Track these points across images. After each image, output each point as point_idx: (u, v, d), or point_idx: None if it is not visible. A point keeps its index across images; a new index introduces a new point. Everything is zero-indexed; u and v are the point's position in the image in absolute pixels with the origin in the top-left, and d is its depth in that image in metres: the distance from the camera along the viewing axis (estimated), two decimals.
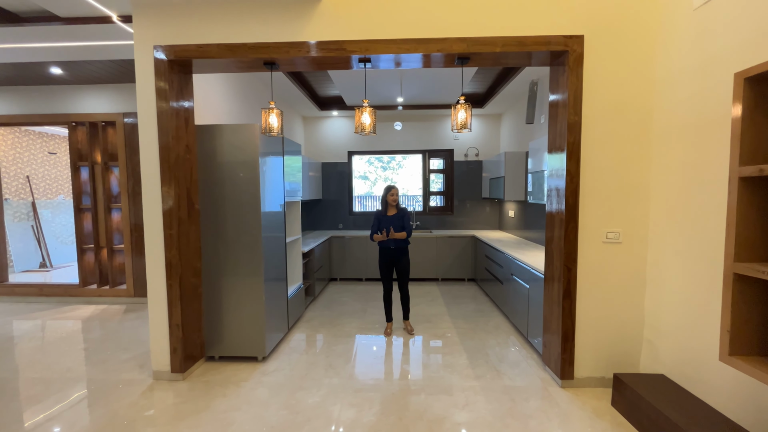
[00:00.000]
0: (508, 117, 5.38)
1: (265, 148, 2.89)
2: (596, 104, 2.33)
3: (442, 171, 5.98)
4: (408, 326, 3.53)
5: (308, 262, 4.44)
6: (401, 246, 3.44)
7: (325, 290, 5.04)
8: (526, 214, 4.63)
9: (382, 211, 3.46)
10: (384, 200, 3.44)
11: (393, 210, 3.45)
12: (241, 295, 2.83)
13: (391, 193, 3.40)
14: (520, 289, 3.35)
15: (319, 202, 5.99)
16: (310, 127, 5.94)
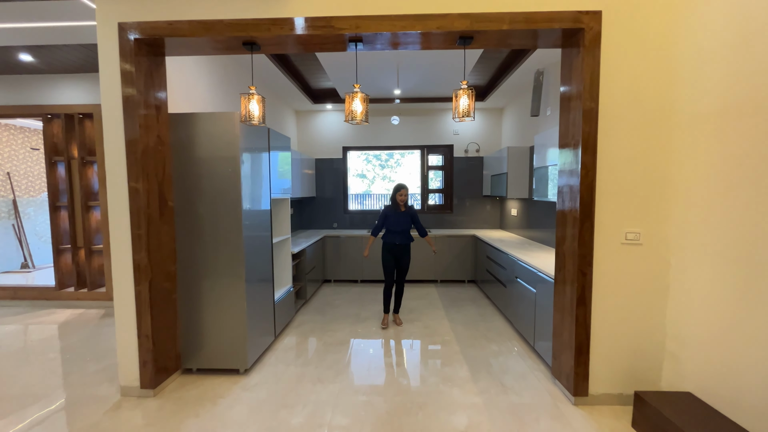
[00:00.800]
0: (511, 111, 5.12)
1: (248, 139, 2.63)
2: (615, 89, 2.08)
3: (441, 167, 5.73)
4: (397, 319, 3.66)
5: (299, 263, 4.18)
6: (405, 243, 3.56)
7: (318, 292, 4.79)
8: (530, 213, 4.38)
9: (391, 207, 3.55)
10: (393, 198, 3.54)
11: (403, 207, 3.54)
12: (221, 301, 2.57)
13: (401, 194, 3.49)
14: (525, 294, 3.11)
15: (312, 199, 5.73)
16: (303, 122, 5.67)
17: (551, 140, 3.19)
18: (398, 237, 3.52)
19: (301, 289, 4.22)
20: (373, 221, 5.71)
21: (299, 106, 5.39)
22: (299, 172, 4.85)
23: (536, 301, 2.88)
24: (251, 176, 2.68)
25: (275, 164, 3.21)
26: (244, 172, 2.55)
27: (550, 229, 3.74)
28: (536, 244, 3.95)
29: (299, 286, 4.14)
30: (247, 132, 2.60)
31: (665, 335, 2.15)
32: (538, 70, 3.77)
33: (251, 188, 2.69)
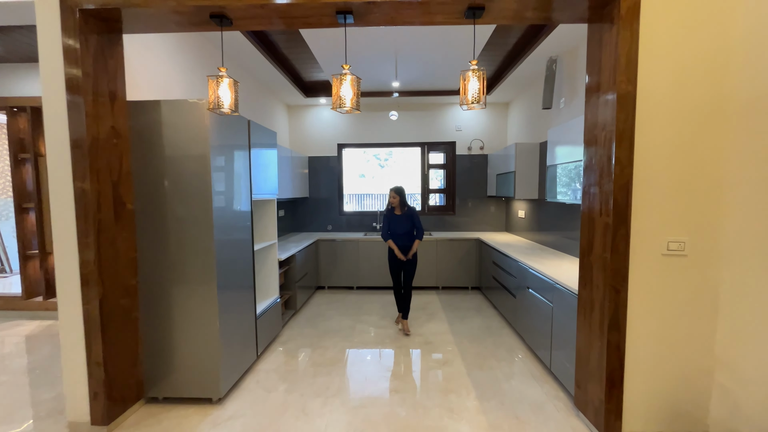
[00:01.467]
0: (519, 105, 4.77)
1: (222, 132, 2.27)
2: (656, 71, 1.73)
3: (442, 166, 5.37)
4: (405, 327, 3.47)
5: (288, 270, 3.83)
6: (409, 246, 3.47)
7: (310, 301, 4.43)
8: (540, 215, 4.03)
9: (391, 210, 3.52)
10: (389, 201, 3.53)
11: (399, 210, 3.49)
12: (191, 318, 2.22)
13: (390, 195, 3.49)
14: (540, 307, 2.76)
15: (305, 200, 5.37)
16: (295, 117, 5.31)
17: (567, 134, 2.84)
18: (400, 240, 3.46)
19: (290, 298, 3.87)
20: (370, 223, 5.35)
21: (291, 100, 5.04)
22: (291, 171, 4.50)
23: (553, 316, 2.53)
24: (226, 174, 2.33)
25: (258, 161, 2.85)
26: (216, 170, 2.19)
27: (565, 233, 3.39)
28: (548, 250, 3.60)
29: (288, 296, 3.79)
30: (220, 124, 2.24)
31: (714, 364, 1.81)
32: (551, 57, 3.42)
33: (226, 188, 2.33)
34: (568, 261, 3.03)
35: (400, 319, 3.52)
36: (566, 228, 3.37)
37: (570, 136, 2.80)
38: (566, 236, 3.36)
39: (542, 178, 3.88)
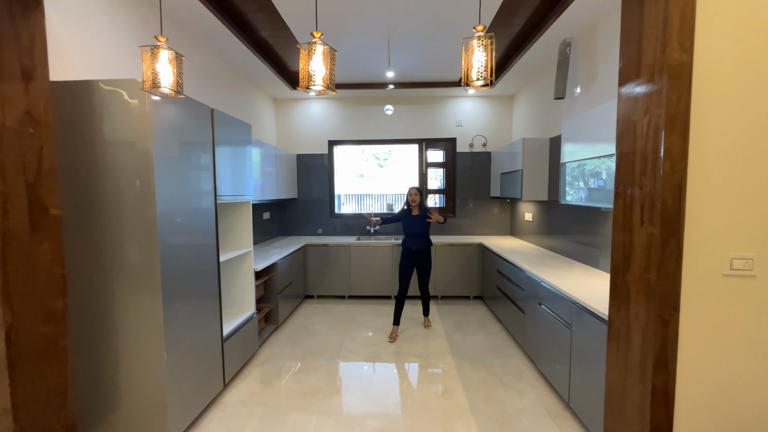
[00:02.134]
0: (525, 97, 4.37)
1: (171, 120, 1.88)
2: (719, 36, 1.33)
3: (441, 164, 4.97)
4: (426, 322, 3.58)
5: (269, 280, 3.43)
6: (423, 248, 3.39)
7: (295, 313, 4.03)
8: (550, 218, 3.63)
9: (407, 210, 3.45)
10: (406, 200, 3.44)
11: (416, 210, 3.40)
12: (132, 345, 1.82)
13: (410, 193, 3.39)
14: (555, 328, 2.36)
15: (293, 202, 4.98)
16: (282, 112, 4.91)
17: (585, 126, 2.44)
18: (414, 241, 3.36)
19: (271, 311, 3.47)
20: (364, 227, 4.95)
21: (277, 93, 4.64)
22: (276, 171, 4.10)
23: (572, 340, 2.13)
24: (177, 171, 1.93)
25: (226, 158, 2.46)
26: (162, 166, 1.79)
27: (579, 239, 2.99)
28: (561, 258, 3.20)
29: (269, 309, 3.39)
30: (168, 110, 1.85)
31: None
32: (564, 41, 3.02)
33: (177, 187, 1.93)
34: (585, 272, 2.63)
35: (396, 332, 3.34)
36: (581, 233, 2.97)
37: (588, 127, 2.40)
38: (581, 242, 2.96)
39: (553, 178, 3.48)
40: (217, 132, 2.32)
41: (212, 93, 3.25)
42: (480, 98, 4.79)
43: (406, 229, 3.38)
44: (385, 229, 4.94)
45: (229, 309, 2.87)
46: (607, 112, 2.17)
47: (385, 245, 4.36)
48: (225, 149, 2.44)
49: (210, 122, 2.24)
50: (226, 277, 2.88)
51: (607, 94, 2.63)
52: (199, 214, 2.12)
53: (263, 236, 4.43)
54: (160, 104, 1.77)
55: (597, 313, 1.86)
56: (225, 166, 2.44)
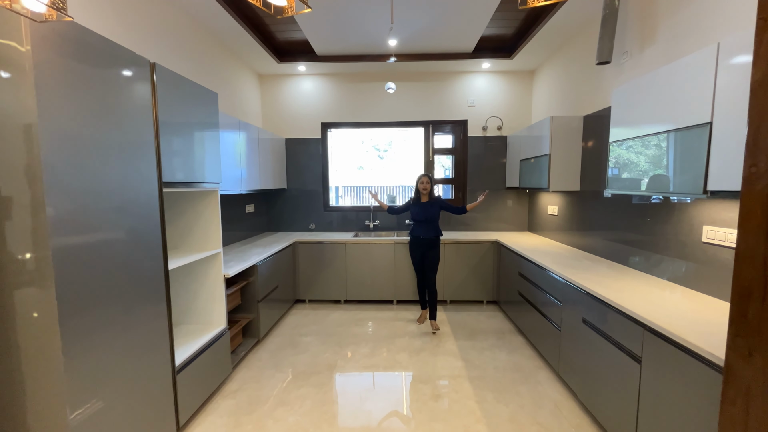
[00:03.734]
0: (549, 71, 3.76)
1: (75, 72, 1.29)
2: None
3: (450, 150, 4.38)
4: (434, 325, 3.21)
5: (248, 285, 2.87)
6: (430, 237, 3.24)
7: (282, 322, 3.48)
8: (582, 212, 3.05)
9: (415, 198, 3.30)
10: (416, 187, 3.29)
11: (426, 198, 3.28)
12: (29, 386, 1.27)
13: (421, 181, 3.25)
14: (610, 357, 1.79)
15: (282, 193, 4.39)
16: (268, 90, 4.30)
17: (654, 92, 1.84)
18: (422, 229, 3.23)
19: (251, 323, 2.92)
20: (363, 221, 4.38)
21: (262, 67, 4.03)
22: (261, 156, 3.52)
23: (642, 380, 1.57)
24: (88, 144, 1.35)
25: (180, 133, 1.87)
26: (56, 144, 1.21)
27: (627, 239, 2.42)
28: (600, 260, 2.63)
29: (247, 320, 2.84)
30: (67, 58, 1.26)
31: None
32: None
33: (88, 166, 1.35)
34: (640, 280, 2.06)
35: (425, 315, 3.37)
36: (627, 230, 2.40)
37: (658, 93, 1.81)
38: (626, 242, 2.39)
39: (588, 163, 2.89)
40: (162, 97, 1.73)
41: (182, 64, 2.65)
42: (495, 74, 4.17)
43: (414, 216, 3.27)
44: (387, 224, 4.37)
45: (191, 325, 2.32)
46: (692, 68, 1.58)
47: (386, 242, 3.79)
48: (176, 122, 1.85)
49: (149, 83, 1.65)
50: (185, 285, 2.33)
51: (671, 53, 2.03)
52: (131, 206, 1.54)
53: (247, 232, 3.86)
54: (50, 47, 1.18)
55: (696, 350, 1.30)
56: (177, 144, 1.86)
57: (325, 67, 4.02)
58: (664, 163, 1.76)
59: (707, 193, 1.51)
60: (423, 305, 3.41)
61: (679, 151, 1.66)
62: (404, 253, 3.78)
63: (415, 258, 3.32)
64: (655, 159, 1.83)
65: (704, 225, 1.84)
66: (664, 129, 1.74)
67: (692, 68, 1.58)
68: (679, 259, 1.99)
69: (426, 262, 3.26)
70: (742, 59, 1.35)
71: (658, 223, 2.16)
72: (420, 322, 3.36)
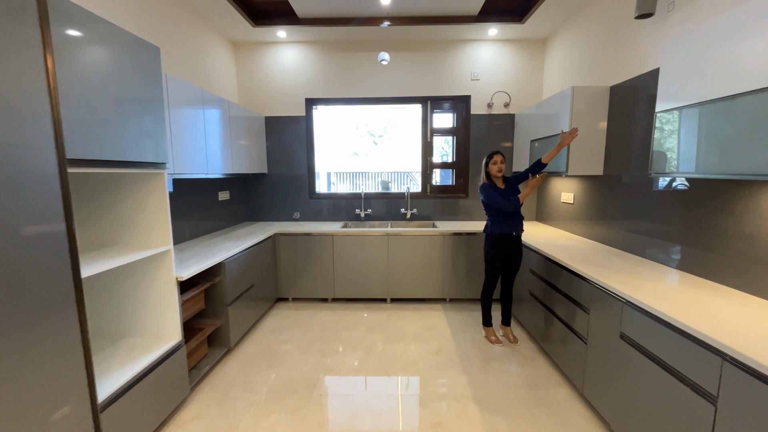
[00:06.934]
0: (564, 39, 3.27)
1: None
2: None
3: (451, 131, 3.91)
4: (510, 334, 2.75)
5: (214, 287, 2.43)
6: (521, 232, 2.62)
7: (260, 325, 3.06)
8: (604, 200, 2.63)
9: (489, 185, 2.57)
10: (486, 172, 2.60)
11: (501, 183, 2.63)
12: None
13: (494, 161, 2.56)
14: (669, 392, 1.39)
15: (261, 178, 3.92)
16: (244, 60, 3.77)
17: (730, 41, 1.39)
18: (514, 224, 2.56)
19: (219, 330, 2.49)
20: (353, 210, 3.93)
21: (236, 33, 3.49)
22: (235, 136, 3.03)
23: (716, 423, 1.17)
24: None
25: (94, 94, 1.40)
26: None
27: (666, 232, 2.00)
28: (631, 257, 2.21)
29: (213, 327, 2.41)
30: None
31: None
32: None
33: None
34: (698, 287, 1.65)
35: (495, 333, 2.77)
36: (669, 223, 1.98)
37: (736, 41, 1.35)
38: (666, 237, 1.97)
39: (615, 142, 2.44)
40: (64, 45, 1.25)
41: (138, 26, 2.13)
42: (503, 42, 3.67)
43: (503, 207, 2.50)
44: (379, 213, 3.94)
45: (137, 339, 1.89)
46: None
47: (378, 233, 3.36)
48: (90, 81, 1.37)
49: (35, 20, 1.16)
50: (129, 291, 1.89)
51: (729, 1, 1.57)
52: (13, 190, 1.08)
53: (221, 222, 3.40)
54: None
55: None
56: (91, 110, 1.39)
57: (309, 33, 3.49)
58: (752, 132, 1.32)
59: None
60: (488, 321, 2.76)
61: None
62: (399, 245, 3.35)
63: (499, 260, 2.62)
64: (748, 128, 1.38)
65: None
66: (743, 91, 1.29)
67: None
68: (747, 261, 1.58)
69: (511, 265, 2.67)
70: None
71: (710, 213, 1.74)
72: (495, 341, 2.68)
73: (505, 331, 2.78)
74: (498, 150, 2.62)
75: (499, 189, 2.56)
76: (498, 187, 2.57)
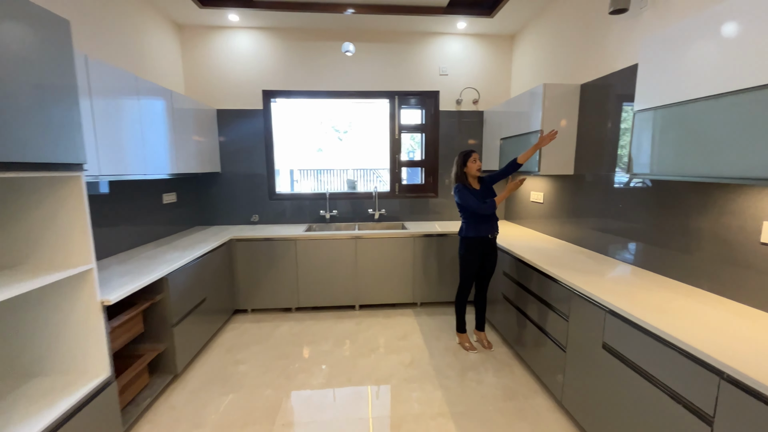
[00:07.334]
0: (533, 35, 3.21)
1: None
2: None
3: (420, 128, 3.76)
4: (485, 340, 2.66)
5: (154, 307, 2.10)
6: (496, 235, 2.52)
7: (214, 342, 2.74)
8: (574, 199, 2.59)
9: (465, 186, 2.43)
10: (461, 172, 2.45)
11: (476, 183, 2.48)
12: None
13: (473, 158, 2.43)
14: (659, 409, 1.32)
15: (214, 178, 3.55)
16: (192, 46, 3.37)
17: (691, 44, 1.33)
18: (490, 227, 2.45)
19: (163, 355, 2.16)
20: (317, 211, 3.68)
21: (180, 13, 3.09)
22: (183, 130, 2.67)
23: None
24: None
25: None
26: None
27: (641, 233, 1.97)
28: (607, 260, 2.18)
29: (156, 353, 2.08)
30: None
31: None
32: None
33: None
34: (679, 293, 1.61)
35: (469, 339, 2.66)
36: (643, 223, 1.95)
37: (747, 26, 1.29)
38: (642, 239, 1.94)
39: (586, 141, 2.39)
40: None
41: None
42: (472, 37, 3.57)
43: (479, 210, 2.37)
44: (346, 215, 3.72)
45: (50, 378, 1.55)
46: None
47: (346, 237, 3.15)
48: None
49: None
50: (41, 320, 1.54)
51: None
52: None
53: (167, 228, 3.02)
54: None
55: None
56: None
57: (265, 18, 3.17)
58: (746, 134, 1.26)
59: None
60: (462, 327, 2.65)
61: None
62: (367, 249, 3.16)
63: (474, 264, 2.50)
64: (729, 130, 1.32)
65: (765, 221, 1.39)
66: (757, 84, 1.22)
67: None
68: (724, 264, 1.55)
69: (487, 268, 2.56)
70: None
71: (684, 216, 1.71)
72: (469, 348, 2.58)
73: (479, 336, 2.69)
74: (473, 149, 2.51)
75: (474, 190, 2.44)
76: (473, 188, 2.45)
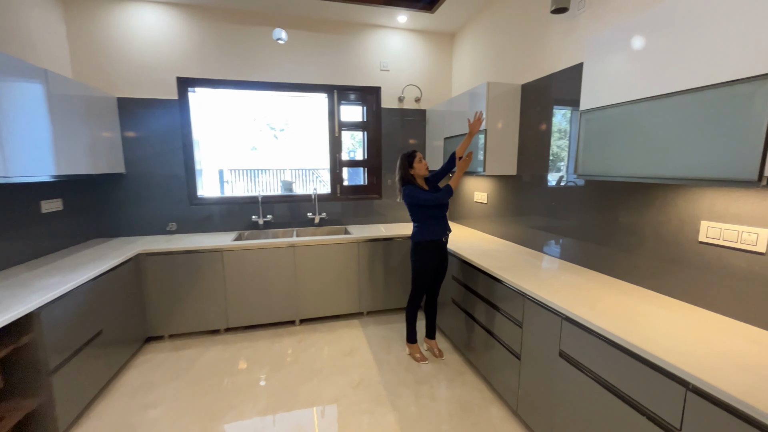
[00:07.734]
0: (473, 34, 3.19)
1: None
2: None
3: (362, 126, 3.55)
4: (435, 348, 2.52)
5: (19, 352, 1.59)
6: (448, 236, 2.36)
7: (116, 384, 2.23)
8: (518, 200, 2.59)
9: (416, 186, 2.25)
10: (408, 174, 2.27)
11: (424, 184, 2.35)
12: None
13: (419, 159, 2.29)
14: (620, 419, 1.26)
15: (116, 180, 2.95)
16: (82, 20, 2.75)
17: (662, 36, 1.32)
18: (443, 228, 2.32)
19: (36, 413, 1.65)
20: (249, 217, 3.26)
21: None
22: (57, 120, 2.10)
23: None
24: None
25: None
26: None
27: (584, 234, 1.98)
28: (553, 260, 2.18)
29: (23, 413, 1.58)
30: None
31: None
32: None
33: None
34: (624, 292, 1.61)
35: (421, 349, 2.52)
36: (587, 223, 1.97)
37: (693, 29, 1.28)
38: (585, 239, 1.96)
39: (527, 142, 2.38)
40: None
41: None
42: (413, 33, 3.45)
43: (438, 200, 2.23)
44: (283, 219, 3.36)
45: None
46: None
47: (282, 245, 2.81)
48: None
49: None
50: None
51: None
52: None
53: (50, 243, 2.40)
54: None
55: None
56: None
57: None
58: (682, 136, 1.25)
59: (763, 180, 1.02)
60: (413, 337, 2.47)
61: (713, 118, 1.15)
62: (307, 257, 2.86)
63: (430, 269, 2.32)
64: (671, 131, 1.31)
65: (702, 220, 1.43)
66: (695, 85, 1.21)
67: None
68: (663, 262, 1.58)
69: (440, 272, 2.40)
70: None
71: (625, 213, 1.74)
72: (420, 359, 2.41)
73: (429, 344, 2.56)
74: (414, 149, 2.39)
75: (424, 190, 2.30)
76: (422, 188, 2.31)
